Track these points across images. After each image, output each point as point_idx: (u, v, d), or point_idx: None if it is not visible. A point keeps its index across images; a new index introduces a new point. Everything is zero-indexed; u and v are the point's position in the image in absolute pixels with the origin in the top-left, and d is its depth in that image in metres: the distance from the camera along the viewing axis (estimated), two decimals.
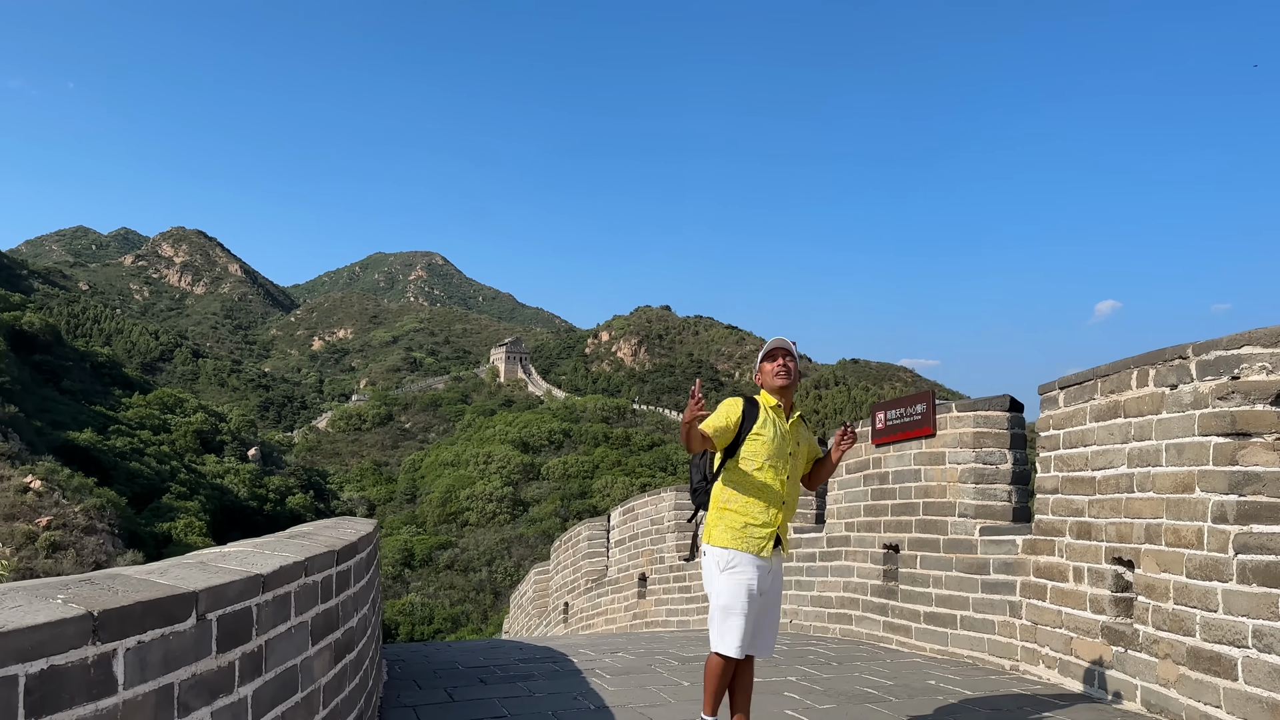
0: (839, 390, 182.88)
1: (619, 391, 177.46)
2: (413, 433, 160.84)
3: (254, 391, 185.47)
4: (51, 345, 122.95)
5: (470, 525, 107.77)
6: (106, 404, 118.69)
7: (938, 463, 7.23)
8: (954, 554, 6.97)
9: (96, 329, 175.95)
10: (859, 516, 8.15)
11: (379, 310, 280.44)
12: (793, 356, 4.47)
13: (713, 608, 4.31)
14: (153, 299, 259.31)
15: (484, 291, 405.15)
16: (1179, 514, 4.80)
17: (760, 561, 4.26)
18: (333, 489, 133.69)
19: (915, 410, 7.47)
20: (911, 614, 7.37)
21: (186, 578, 2.52)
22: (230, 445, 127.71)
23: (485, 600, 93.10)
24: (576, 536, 14.51)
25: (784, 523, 4.35)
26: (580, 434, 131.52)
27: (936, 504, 7.20)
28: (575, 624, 13.94)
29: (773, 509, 4.30)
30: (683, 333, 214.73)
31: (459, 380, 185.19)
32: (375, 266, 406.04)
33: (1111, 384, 5.46)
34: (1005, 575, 6.48)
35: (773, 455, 4.33)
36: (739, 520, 4.28)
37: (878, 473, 7.92)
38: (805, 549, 8.94)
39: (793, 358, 4.47)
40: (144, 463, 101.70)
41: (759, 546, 4.26)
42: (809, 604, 8.81)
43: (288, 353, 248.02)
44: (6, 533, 61.49)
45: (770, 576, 4.32)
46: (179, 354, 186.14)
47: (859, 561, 8.11)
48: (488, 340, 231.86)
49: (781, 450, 4.36)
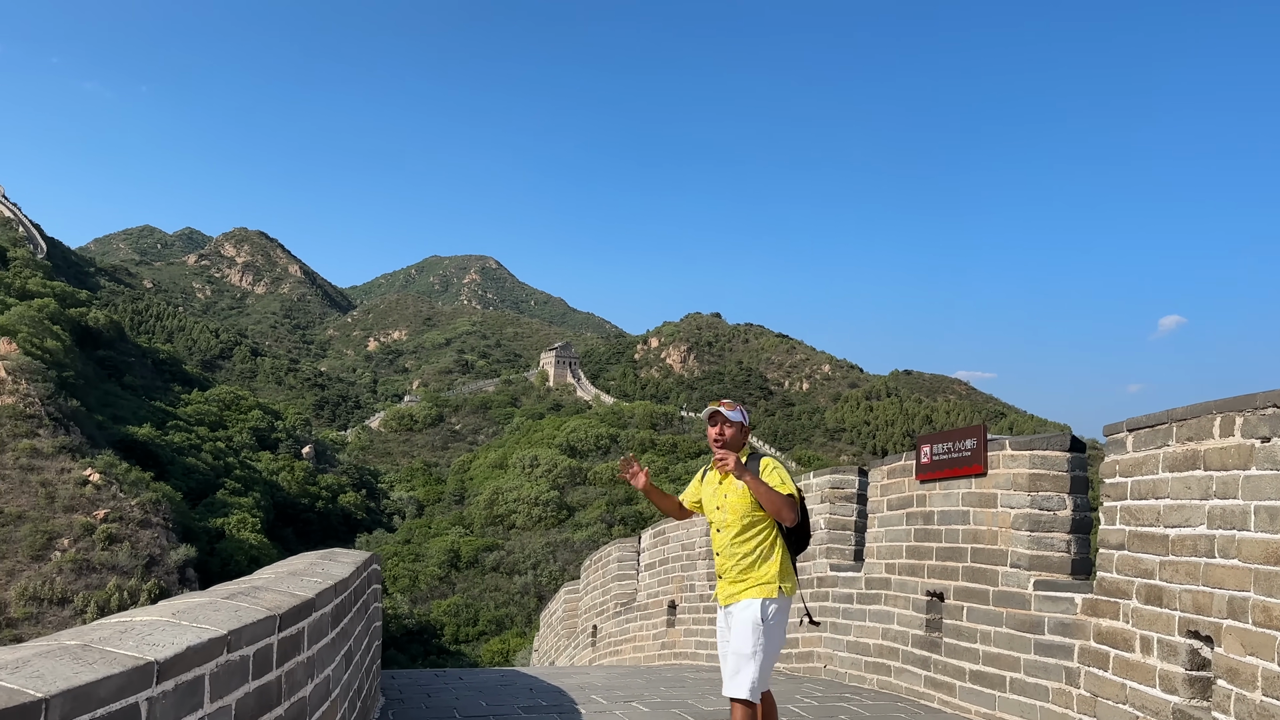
0: (890, 402, 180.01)
1: (667, 398, 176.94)
2: (462, 434, 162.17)
3: (310, 390, 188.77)
4: (115, 341, 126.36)
5: (516, 528, 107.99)
6: (166, 400, 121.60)
7: (989, 505, 6.57)
8: (1005, 608, 6.30)
9: (159, 326, 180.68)
10: (900, 558, 7.50)
11: (433, 313, 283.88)
12: (728, 421, 4.62)
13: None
14: (214, 298, 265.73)
15: (536, 296, 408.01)
16: (1271, 589, 4.11)
17: (722, 609, 4.65)
18: (383, 488, 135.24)
19: (965, 446, 6.81)
20: (956, 670, 6.71)
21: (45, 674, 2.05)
22: (285, 443, 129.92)
23: (529, 604, 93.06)
24: (606, 557, 14.00)
25: (730, 571, 4.57)
26: (627, 440, 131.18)
27: (986, 550, 6.54)
28: (603, 649, 13.43)
29: (724, 562, 4.63)
30: (732, 340, 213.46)
31: (509, 383, 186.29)
32: (430, 269, 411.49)
33: (1189, 430, 4.78)
34: (1062, 637, 5.80)
35: (710, 514, 4.72)
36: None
37: (921, 511, 7.27)
38: (842, 589, 8.30)
39: (728, 422, 4.63)
40: (200, 458, 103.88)
41: (720, 597, 4.67)
42: (844, 649, 8.17)
43: (344, 353, 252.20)
44: (65, 524, 63.04)
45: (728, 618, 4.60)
46: (238, 352, 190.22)
47: (900, 608, 7.46)
48: (538, 344, 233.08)
49: (710, 507, 4.70)
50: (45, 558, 60.23)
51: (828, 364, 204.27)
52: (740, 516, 4.55)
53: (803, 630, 8.77)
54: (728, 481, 4.59)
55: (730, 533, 4.55)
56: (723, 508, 4.58)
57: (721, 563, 4.61)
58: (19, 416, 70.63)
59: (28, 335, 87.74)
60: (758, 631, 4.41)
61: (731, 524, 4.56)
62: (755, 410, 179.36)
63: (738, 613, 4.49)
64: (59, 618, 56.41)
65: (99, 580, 59.93)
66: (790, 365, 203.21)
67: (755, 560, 4.51)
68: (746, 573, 4.51)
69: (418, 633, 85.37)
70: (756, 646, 4.41)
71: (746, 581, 4.50)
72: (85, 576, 59.87)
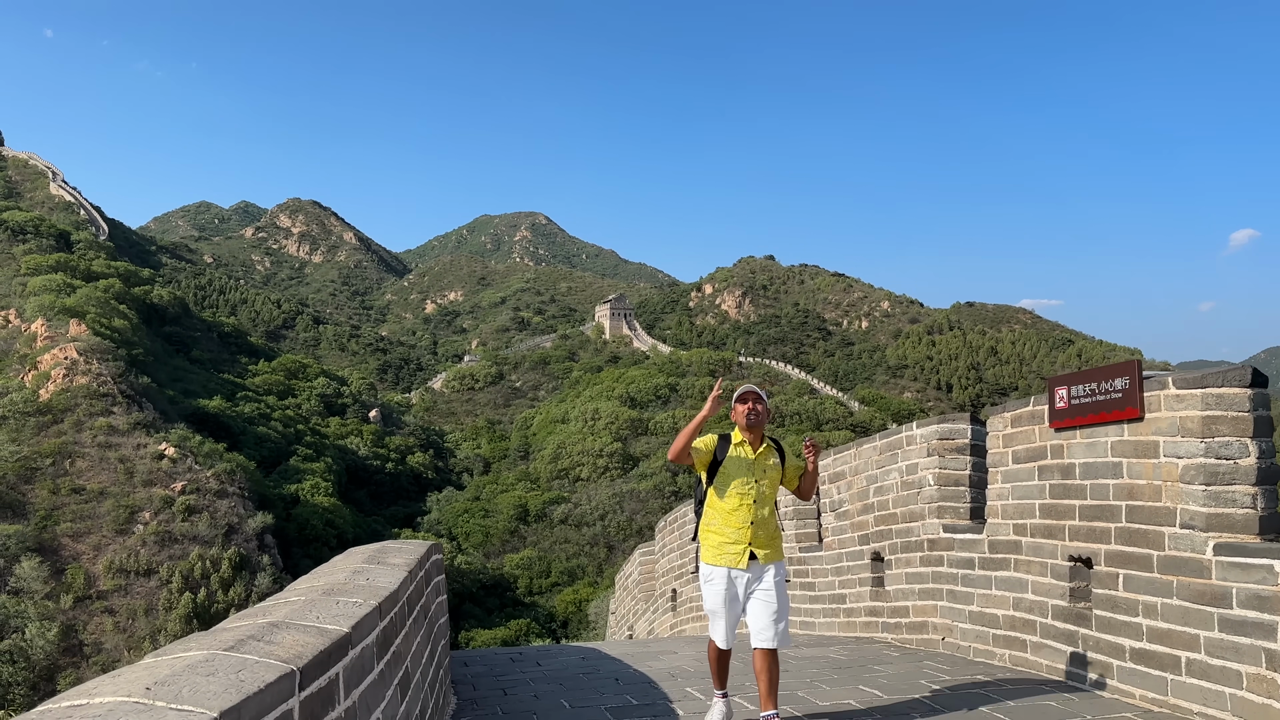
0: (953, 335, 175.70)
1: (724, 345, 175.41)
2: (523, 391, 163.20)
3: (372, 355, 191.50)
4: (180, 317, 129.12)
5: (582, 481, 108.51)
6: (234, 372, 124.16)
7: (1147, 455, 5.52)
8: (1174, 576, 5.29)
9: (222, 300, 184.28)
10: (1032, 518, 6.50)
11: (486, 272, 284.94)
12: (762, 401, 5.13)
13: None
14: (273, 269, 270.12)
15: (587, 249, 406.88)
16: None
17: (738, 572, 5.00)
18: (450, 447, 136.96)
19: (1113, 386, 5.75)
20: (1112, 648, 5.73)
21: None
22: (352, 408, 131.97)
23: (599, 554, 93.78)
24: (682, 518, 13.21)
25: (760, 537, 5.01)
26: (687, 389, 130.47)
27: (1146, 509, 5.51)
28: (684, 614, 12.70)
29: (743, 529, 5.00)
30: (788, 282, 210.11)
31: (566, 338, 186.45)
32: (481, 229, 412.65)
33: None
34: (1257, 612, 4.78)
35: (739, 483, 5.03)
36: (716, 539, 5.07)
37: (1058, 464, 6.24)
38: (959, 552, 7.33)
39: (762, 402, 5.13)
40: (270, 427, 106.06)
41: (734, 560, 4.99)
42: (966, 620, 7.23)
43: (402, 316, 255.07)
44: (145, 498, 64.80)
45: (755, 581, 5.01)
46: (300, 321, 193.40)
47: (1035, 574, 6.48)
48: (592, 297, 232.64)
49: (747, 477, 5.04)
50: (128, 531, 62.07)
51: (886, 300, 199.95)
52: (774, 491, 5.17)
53: (915, 599, 7.86)
54: (763, 457, 5.10)
55: (767, 505, 5.09)
56: (762, 481, 5.07)
57: (754, 530, 5.01)
58: (94, 395, 72.51)
59: (96, 316, 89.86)
60: (784, 589, 5.09)
61: (769, 497, 5.11)
62: (814, 351, 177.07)
63: (772, 573, 5.03)
64: (145, 588, 58.20)
65: (181, 551, 61.63)
66: (848, 304, 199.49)
67: (777, 528, 5.16)
68: (773, 539, 5.10)
69: (493, 586, 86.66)
70: (788, 602, 5.14)
71: (773, 547, 5.08)
72: (168, 548, 61.59)
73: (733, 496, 5.01)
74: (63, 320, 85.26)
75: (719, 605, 5.02)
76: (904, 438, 8.22)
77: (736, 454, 5.07)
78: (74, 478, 65.25)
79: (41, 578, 55.93)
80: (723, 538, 5.02)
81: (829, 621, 9.46)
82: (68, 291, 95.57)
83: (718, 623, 5.06)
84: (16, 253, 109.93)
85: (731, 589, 4.99)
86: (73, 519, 61.72)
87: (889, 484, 8.39)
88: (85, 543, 60.65)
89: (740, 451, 5.08)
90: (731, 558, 4.98)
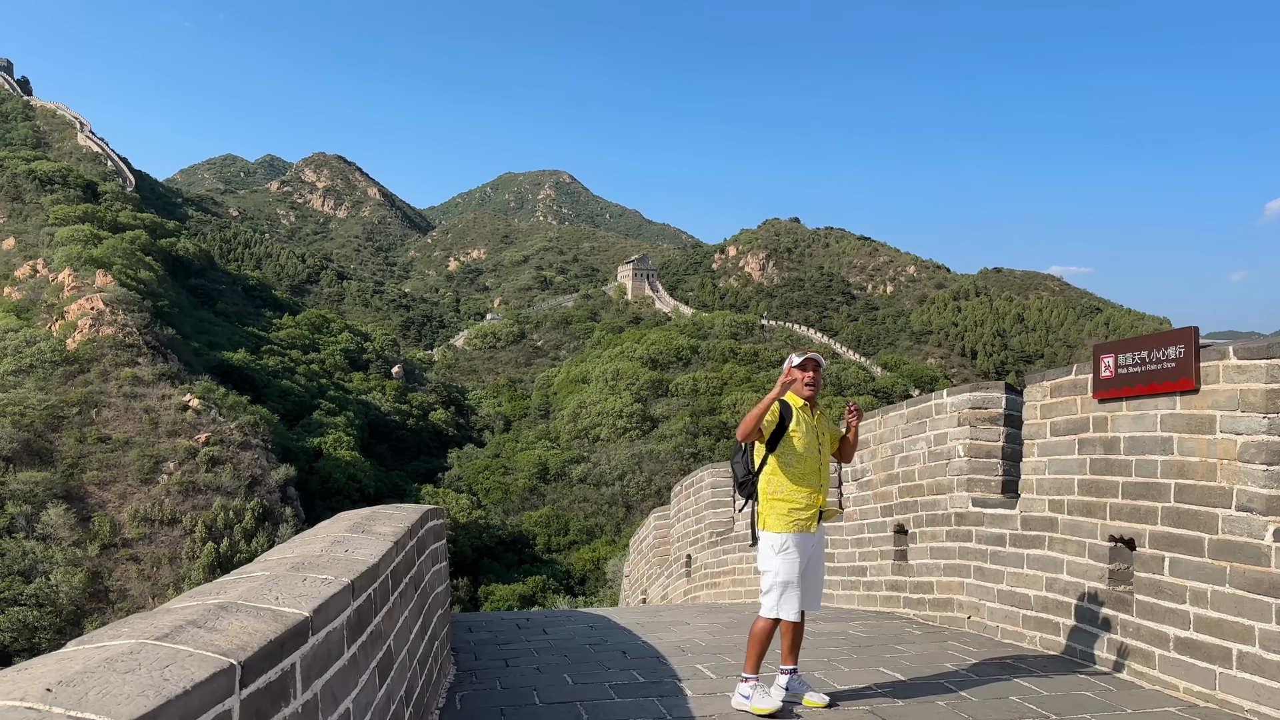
0: (979, 301, 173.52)
1: (747, 307, 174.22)
2: (544, 350, 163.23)
3: (395, 311, 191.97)
4: (206, 270, 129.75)
5: (602, 441, 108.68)
6: (258, 325, 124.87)
7: (1201, 430, 5.09)
8: (1228, 561, 4.89)
9: (247, 253, 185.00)
10: (1071, 494, 6.09)
11: (510, 230, 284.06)
12: (820, 369, 5.15)
13: (770, 583, 4.98)
14: (298, 223, 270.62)
15: (610, 209, 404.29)
16: None
17: (808, 537, 5.00)
18: (471, 404, 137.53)
19: (1166, 355, 5.30)
20: (1155, 636, 5.35)
21: None
22: (375, 363, 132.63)
23: (618, 514, 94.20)
24: (699, 483, 12.88)
25: (823, 501, 5.06)
26: (708, 350, 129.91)
27: (1198, 488, 5.09)
28: (698, 580, 12.42)
29: (813, 493, 5.02)
30: (812, 245, 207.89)
31: (588, 298, 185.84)
32: (505, 187, 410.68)
33: None
34: None
35: (807, 448, 5.03)
36: (785, 507, 4.99)
37: (1101, 438, 5.82)
38: (989, 528, 6.94)
39: (820, 370, 5.15)
40: (294, 381, 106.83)
41: (805, 526, 4.99)
42: (994, 599, 6.86)
43: (425, 273, 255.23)
44: (170, 449, 65.52)
45: (814, 547, 5.06)
46: (325, 276, 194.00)
47: (1071, 554, 6.08)
48: (615, 257, 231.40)
49: (812, 442, 5.07)
50: (153, 481, 62.86)
51: (912, 265, 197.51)
52: (832, 446, 5.30)
53: (940, 574, 7.49)
54: (820, 422, 5.18)
55: (827, 468, 5.16)
56: (823, 446, 5.16)
57: (814, 496, 5.02)
58: (119, 346, 73.10)
59: (122, 267, 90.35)
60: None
61: (827, 460, 5.19)
62: (838, 315, 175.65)
63: (819, 536, 5.13)
64: (170, 537, 59.05)
65: (205, 501, 62.39)
66: (873, 268, 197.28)
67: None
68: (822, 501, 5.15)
69: (512, 543, 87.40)
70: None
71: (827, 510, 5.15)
72: (192, 498, 62.37)
73: (802, 462, 5.02)
74: (89, 271, 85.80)
75: (796, 576, 4.94)
76: (933, 406, 7.80)
77: (801, 421, 5.07)
78: (100, 427, 66.03)
79: (68, 524, 56.87)
80: (793, 504, 4.98)
81: (848, 594, 9.13)
82: (94, 242, 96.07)
83: (793, 594, 4.94)
84: (44, 203, 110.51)
85: (804, 556, 4.99)
86: (99, 467, 62.56)
87: (915, 454, 7.99)
88: (111, 491, 61.53)
89: (803, 417, 5.08)
90: (802, 524, 4.98)
